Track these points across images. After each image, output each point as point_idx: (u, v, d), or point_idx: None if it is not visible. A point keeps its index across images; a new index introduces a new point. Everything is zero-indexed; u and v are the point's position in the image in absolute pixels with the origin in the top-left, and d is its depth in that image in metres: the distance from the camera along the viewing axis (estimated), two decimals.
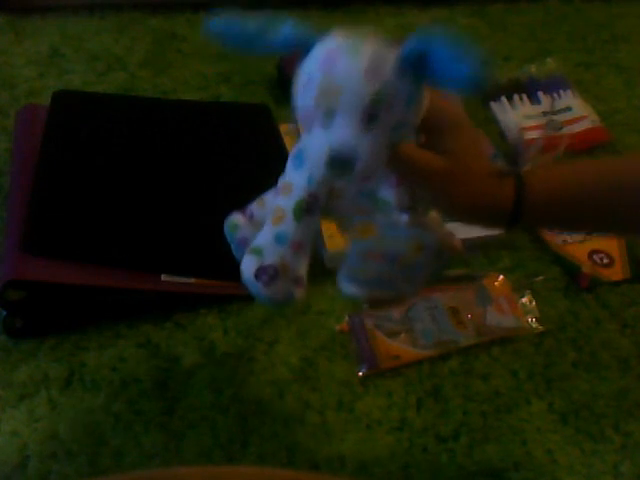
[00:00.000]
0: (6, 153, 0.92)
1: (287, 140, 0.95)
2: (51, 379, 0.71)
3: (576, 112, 1.03)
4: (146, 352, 0.74)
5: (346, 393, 0.72)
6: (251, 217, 0.56)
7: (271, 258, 0.49)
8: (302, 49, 0.46)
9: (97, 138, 0.89)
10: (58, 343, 0.74)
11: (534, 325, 0.79)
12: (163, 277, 0.77)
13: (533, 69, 1.09)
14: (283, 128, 0.97)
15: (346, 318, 0.78)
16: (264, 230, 0.51)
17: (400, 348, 0.75)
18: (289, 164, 0.52)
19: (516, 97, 1.05)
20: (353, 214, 0.52)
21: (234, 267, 0.52)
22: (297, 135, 0.96)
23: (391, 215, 0.50)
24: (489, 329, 0.77)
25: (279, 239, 0.50)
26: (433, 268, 0.52)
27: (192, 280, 0.77)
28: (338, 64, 0.44)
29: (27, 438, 0.67)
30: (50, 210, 0.79)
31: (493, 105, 1.05)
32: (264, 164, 0.92)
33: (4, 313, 0.74)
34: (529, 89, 1.07)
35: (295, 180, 0.51)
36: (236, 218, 0.56)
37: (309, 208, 0.50)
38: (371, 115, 0.44)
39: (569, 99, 1.05)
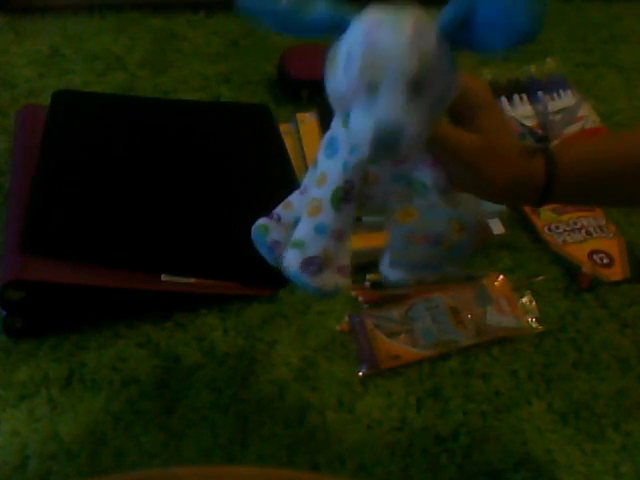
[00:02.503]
0: (6, 153, 0.92)
1: (287, 140, 0.95)
2: (51, 379, 0.71)
3: (576, 112, 1.03)
4: (146, 352, 0.74)
5: (346, 393, 0.72)
6: (278, 220, 0.55)
7: (314, 249, 0.49)
8: (337, 29, 0.45)
9: (97, 138, 0.88)
10: (58, 343, 0.74)
11: (534, 325, 0.79)
12: (163, 277, 0.77)
13: (533, 69, 1.09)
14: (283, 128, 0.97)
15: (346, 318, 0.78)
16: (302, 223, 0.51)
17: (400, 348, 0.75)
18: (321, 155, 0.51)
19: (516, 97, 1.05)
20: (390, 199, 0.51)
21: (234, 267, 0.52)
22: (296, 135, 0.96)
23: (429, 197, 0.50)
24: (489, 329, 0.77)
25: (319, 230, 0.50)
26: (473, 247, 0.51)
27: (192, 280, 0.77)
28: (381, 36, 0.43)
29: (27, 438, 0.67)
30: (50, 210, 0.79)
31: None
32: (264, 164, 0.92)
33: (4, 313, 0.74)
34: (529, 89, 1.06)
35: (329, 169, 0.50)
36: (264, 222, 0.55)
37: (346, 196, 0.49)
38: (417, 86, 0.43)
39: (569, 99, 1.05)
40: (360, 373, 0.74)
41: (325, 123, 1.09)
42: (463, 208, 0.50)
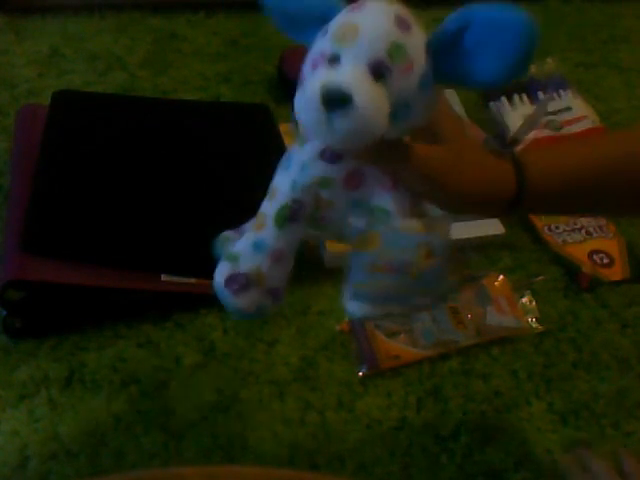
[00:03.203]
0: (6, 153, 0.92)
1: (287, 140, 0.95)
2: (51, 379, 0.71)
3: (576, 112, 1.03)
4: (146, 352, 0.74)
5: (346, 393, 0.72)
6: (243, 233, 0.53)
7: (246, 266, 0.48)
8: (329, 16, 0.43)
9: (97, 138, 0.88)
10: (58, 343, 0.74)
11: (534, 325, 0.79)
12: (163, 277, 0.77)
13: (533, 69, 1.09)
14: (283, 128, 0.97)
15: (346, 318, 0.78)
16: (244, 236, 0.49)
17: (400, 348, 0.75)
18: (278, 169, 0.50)
19: (516, 97, 1.05)
20: (348, 226, 0.48)
21: None
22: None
23: (392, 222, 0.46)
24: (489, 329, 0.77)
25: (257, 246, 0.48)
26: (446, 275, 0.48)
27: (192, 280, 0.77)
28: (366, 7, 0.41)
29: (27, 438, 0.67)
30: (50, 210, 0.79)
31: (493, 105, 1.05)
32: (264, 164, 0.92)
33: (4, 313, 0.74)
34: (529, 89, 1.06)
35: (280, 184, 0.48)
36: (227, 234, 0.53)
37: (292, 215, 0.47)
38: (381, 66, 0.40)
39: (569, 99, 1.05)
40: (360, 373, 0.74)
41: None
42: (431, 232, 0.47)
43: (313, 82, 0.41)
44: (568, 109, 1.04)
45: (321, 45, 0.43)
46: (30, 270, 0.72)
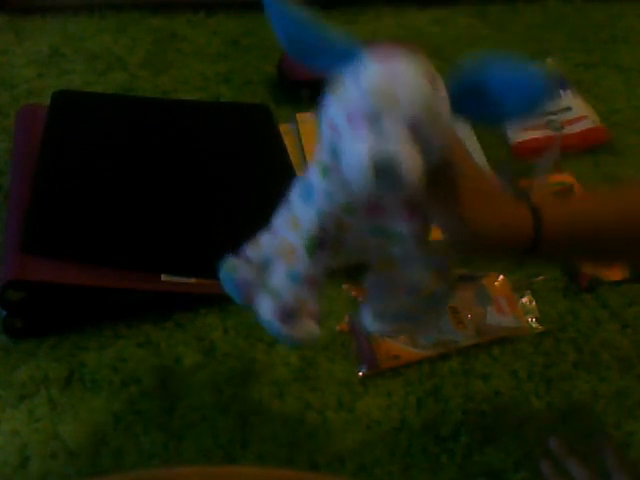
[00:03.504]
0: (6, 153, 0.92)
1: (287, 140, 0.95)
2: (51, 379, 0.71)
3: (576, 112, 1.03)
4: (146, 352, 0.74)
5: (346, 393, 0.72)
6: (247, 260, 0.54)
7: (288, 298, 0.49)
8: (347, 56, 0.44)
9: (97, 138, 0.88)
10: (58, 343, 0.74)
11: (534, 325, 0.79)
12: (163, 277, 0.77)
13: None
14: (283, 128, 0.97)
15: (346, 318, 0.78)
16: (276, 269, 0.50)
17: (400, 348, 0.75)
18: (295, 197, 0.50)
19: None
20: (366, 250, 0.51)
21: None
22: (296, 135, 0.96)
23: (407, 246, 0.49)
24: (489, 329, 0.77)
25: (294, 278, 0.49)
26: (450, 293, 0.51)
27: (192, 280, 0.77)
28: (402, 73, 0.42)
29: (27, 438, 0.67)
30: (50, 210, 0.79)
31: None
32: (264, 164, 0.92)
33: (4, 313, 0.74)
34: None
35: (303, 214, 0.49)
36: (233, 261, 0.54)
37: (321, 243, 0.49)
38: (420, 125, 0.42)
39: (569, 99, 1.05)
40: (360, 373, 0.74)
41: None
42: (441, 256, 0.50)
43: (360, 148, 0.42)
44: (568, 109, 1.03)
45: (358, 100, 0.43)
46: (30, 270, 0.73)
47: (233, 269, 0.53)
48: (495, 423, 0.71)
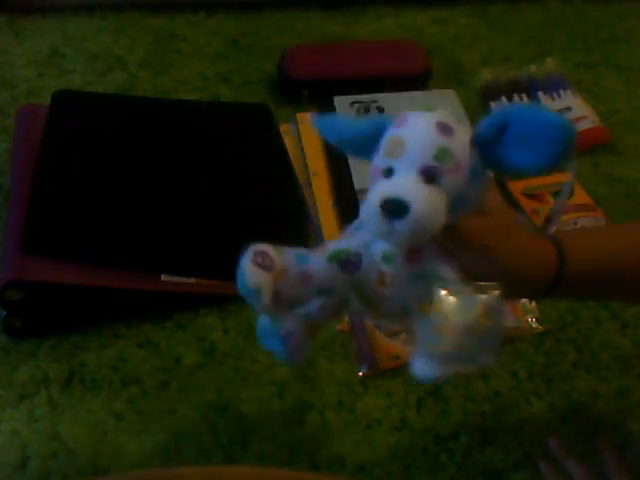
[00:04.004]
0: (6, 153, 0.92)
1: (287, 140, 0.95)
2: (51, 379, 0.71)
3: (576, 112, 1.03)
4: (146, 352, 0.74)
5: (346, 393, 0.72)
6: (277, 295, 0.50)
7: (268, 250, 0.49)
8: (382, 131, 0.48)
9: (97, 138, 0.88)
10: (58, 343, 0.74)
11: (534, 325, 0.79)
12: (163, 277, 0.77)
13: (533, 69, 1.09)
14: (283, 128, 0.97)
15: (346, 318, 0.78)
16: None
17: (400, 348, 0.75)
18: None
19: (516, 97, 1.05)
20: (410, 300, 0.50)
21: (234, 267, 0.51)
22: (296, 135, 0.96)
23: (451, 286, 0.49)
24: None
25: (300, 258, 0.50)
26: (502, 332, 0.50)
27: (192, 280, 0.77)
28: (409, 120, 0.46)
29: (27, 438, 0.67)
30: (50, 210, 0.79)
31: (493, 105, 1.05)
32: (264, 164, 0.92)
33: (4, 313, 0.74)
34: (529, 89, 1.06)
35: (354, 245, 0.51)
36: (270, 309, 0.50)
37: (347, 261, 0.50)
38: (432, 170, 0.45)
39: (569, 99, 1.05)
40: (360, 373, 0.74)
41: None
42: (487, 292, 0.49)
43: (373, 194, 0.45)
44: (568, 109, 1.04)
45: (376, 161, 0.47)
46: (30, 270, 0.72)
47: (277, 319, 0.52)
48: (495, 423, 0.71)
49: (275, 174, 0.90)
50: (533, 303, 0.80)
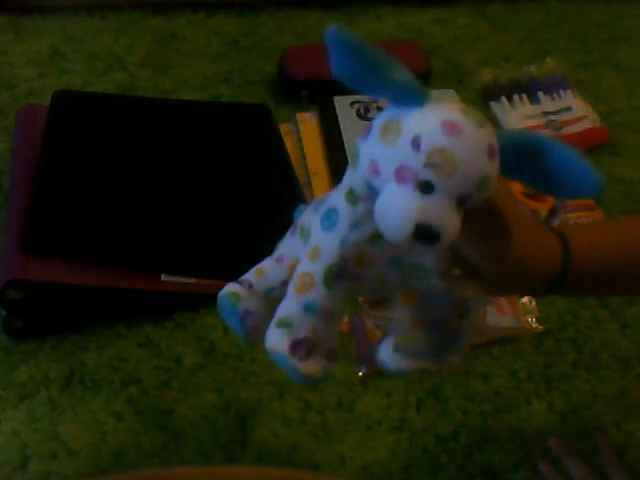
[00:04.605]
0: (6, 153, 0.92)
1: (287, 140, 0.95)
2: (51, 379, 0.71)
3: (576, 112, 1.03)
4: (146, 352, 0.74)
5: (346, 393, 0.72)
6: (250, 287, 0.51)
7: (304, 330, 0.46)
8: (410, 98, 0.42)
9: (97, 138, 0.89)
10: (58, 343, 0.74)
11: (534, 325, 0.79)
12: (163, 277, 0.77)
13: (533, 69, 1.09)
14: (283, 128, 0.97)
15: (346, 318, 0.78)
16: (288, 300, 0.47)
17: None
18: (316, 225, 0.47)
19: (516, 97, 1.05)
20: (385, 283, 0.48)
21: (234, 267, 0.51)
22: (296, 135, 0.96)
23: (430, 280, 0.47)
24: (489, 329, 0.77)
25: (309, 309, 0.46)
26: (471, 335, 0.49)
27: (192, 280, 0.77)
28: (463, 134, 0.40)
29: (27, 438, 0.67)
30: (50, 210, 0.79)
31: (493, 105, 1.05)
32: (264, 164, 0.92)
33: (4, 313, 0.74)
34: (529, 89, 1.06)
35: (325, 243, 0.46)
36: (234, 288, 0.51)
37: (340, 273, 0.46)
38: (464, 200, 0.41)
39: (569, 99, 1.05)
40: (360, 373, 0.74)
41: (325, 123, 1.08)
42: (465, 292, 0.48)
43: (405, 206, 0.40)
44: (568, 109, 1.04)
45: (412, 157, 0.40)
46: (30, 270, 0.72)
47: (235, 298, 0.50)
48: (495, 423, 0.71)
49: (275, 174, 0.90)
50: (533, 303, 0.80)
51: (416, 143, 0.40)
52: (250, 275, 0.52)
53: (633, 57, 1.18)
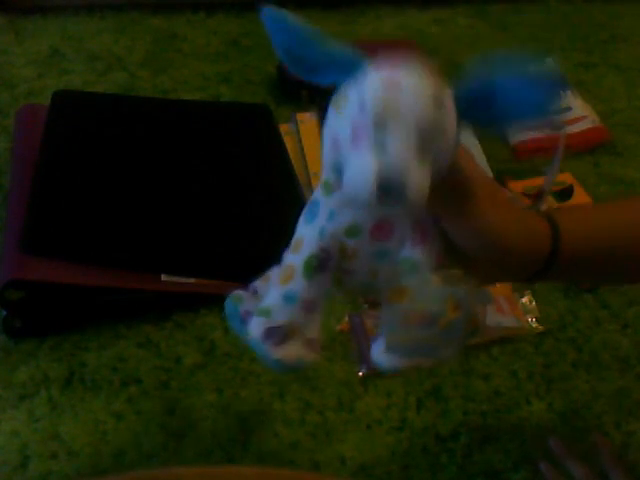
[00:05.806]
0: (6, 153, 0.92)
1: (287, 140, 0.95)
2: (51, 379, 0.71)
3: (576, 112, 1.03)
4: (146, 352, 0.74)
5: (346, 393, 0.72)
6: (254, 292, 0.51)
7: (280, 318, 0.46)
8: (349, 68, 0.43)
9: (97, 138, 0.89)
10: (58, 343, 0.74)
11: (534, 325, 0.79)
12: (163, 277, 0.77)
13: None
14: (283, 128, 0.97)
15: (346, 318, 0.78)
16: (271, 291, 0.48)
17: None
18: (300, 221, 0.48)
19: None
20: (375, 278, 0.48)
21: (234, 267, 0.51)
22: (296, 135, 0.96)
23: (421, 274, 0.47)
24: (489, 329, 0.77)
25: (288, 298, 0.46)
26: (467, 328, 0.49)
27: (192, 280, 0.77)
28: (404, 84, 0.40)
29: (27, 438, 0.67)
30: (50, 210, 0.79)
31: None
32: (264, 164, 0.92)
33: (4, 313, 0.74)
34: None
35: (306, 235, 0.47)
36: (239, 293, 0.52)
37: (320, 264, 0.46)
38: (425, 141, 0.40)
39: (569, 99, 1.05)
40: (360, 373, 0.74)
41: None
42: (457, 284, 0.48)
43: (364, 162, 0.40)
44: (568, 109, 1.04)
45: (360, 113, 0.41)
46: (30, 270, 0.73)
47: (238, 300, 0.50)
48: (495, 423, 0.71)
49: (275, 174, 0.90)
50: (533, 303, 0.80)
51: (362, 104, 0.41)
52: (257, 282, 0.52)
53: (633, 57, 1.18)
